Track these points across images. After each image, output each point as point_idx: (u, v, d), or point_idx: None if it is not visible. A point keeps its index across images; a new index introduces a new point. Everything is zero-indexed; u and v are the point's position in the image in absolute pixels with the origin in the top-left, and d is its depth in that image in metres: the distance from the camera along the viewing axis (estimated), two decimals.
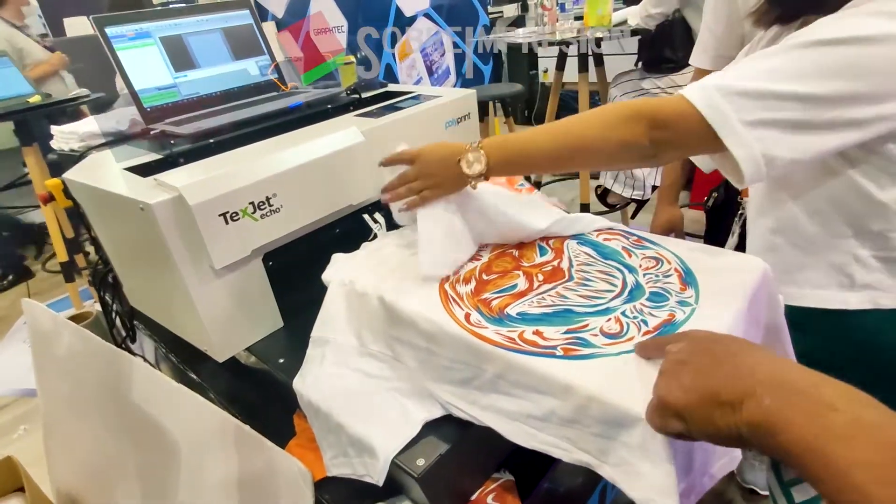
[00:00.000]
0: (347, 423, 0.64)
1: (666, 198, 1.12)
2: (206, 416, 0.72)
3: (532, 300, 0.65)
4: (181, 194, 0.67)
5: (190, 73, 1.16)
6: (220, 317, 0.78)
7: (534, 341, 0.58)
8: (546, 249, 0.76)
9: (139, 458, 0.82)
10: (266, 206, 0.75)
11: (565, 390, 0.52)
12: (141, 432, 0.78)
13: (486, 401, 0.60)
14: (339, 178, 0.84)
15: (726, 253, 0.71)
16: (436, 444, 0.61)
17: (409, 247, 0.81)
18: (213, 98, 1.17)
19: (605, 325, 0.59)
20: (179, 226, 0.70)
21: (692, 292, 0.63)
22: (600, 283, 0.67)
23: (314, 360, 0.73)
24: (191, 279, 0.73)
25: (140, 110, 1.08)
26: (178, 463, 0.77)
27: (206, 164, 0.79)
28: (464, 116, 1.06)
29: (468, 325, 0.62)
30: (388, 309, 0.68)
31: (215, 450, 0.74)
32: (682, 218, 1.12)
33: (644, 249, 0.74)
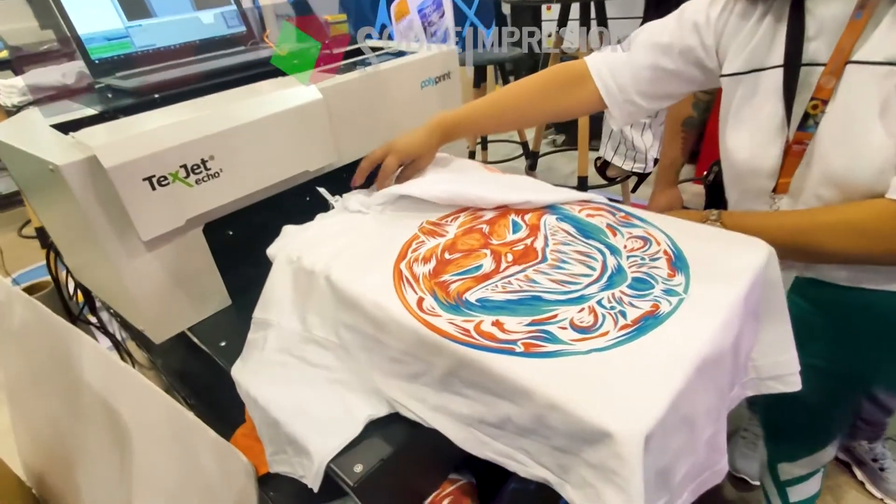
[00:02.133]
0: (284, 420, 0.57)
1: (664, 178, 1.02)
2: (152, 401, 0.67)
3: (496, 284, 0.57)
4: (95, 155, 0.58)
5: (144, 23, 1.05)
6: (155, 294, 0.70)
7: (491, 334, 0.49)
8: (520, 225, 0.67)
9: (95, 439, 0.77)
10: (202, 171, 0.66)
11: (523, 394, 0.44)
12: (94, 413, 0.73)
13: (436, 400, 0.52)
14: (291, 141, 0.74)
15: (724, 234, 0.61)
16: (379, 447, 0.53)
17: (370, 223, 0.72)
18: (171, 51, 1.06)
19: (576, 316, 0.51)
20: (98, 191, 0.61)
21: (682, 279, 0.54)
22: (576, 266, 0.58)
23: (255, 344, 0.65)
24: (116, 252, 0.64)
25: (87, 62, 0.98)
26: (130, 447, 0.72)
27: (137, 121, 0.69)
28: (443, 76, 0.96)
29: (419, 313, 0.53)
30: (335, 290, 0.60)
31: (163, 437, 0.69)
32: (682, 200, 1.02)
33: (631, 227, 0.64)
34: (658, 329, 0.48)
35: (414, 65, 0.90)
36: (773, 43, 0.63)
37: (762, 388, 0.60)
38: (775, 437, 0.88)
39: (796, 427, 0.82)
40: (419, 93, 0.93)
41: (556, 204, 0.70)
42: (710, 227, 0.63)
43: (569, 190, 0.72)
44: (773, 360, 0.58)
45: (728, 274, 0.54)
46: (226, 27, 1.15)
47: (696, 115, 0.94)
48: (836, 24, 0.58)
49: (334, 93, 0.79)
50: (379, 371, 0.56)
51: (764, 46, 0.64)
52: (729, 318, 0.49)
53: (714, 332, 0.47)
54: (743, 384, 0.59)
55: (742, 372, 0.57)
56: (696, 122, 0.94)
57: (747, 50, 0.65)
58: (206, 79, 0.91)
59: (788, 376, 0.59)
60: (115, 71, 0.99)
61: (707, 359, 0.45)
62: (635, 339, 0.47)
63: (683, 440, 0.44)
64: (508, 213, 0.70)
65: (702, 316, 0.48)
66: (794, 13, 0.60)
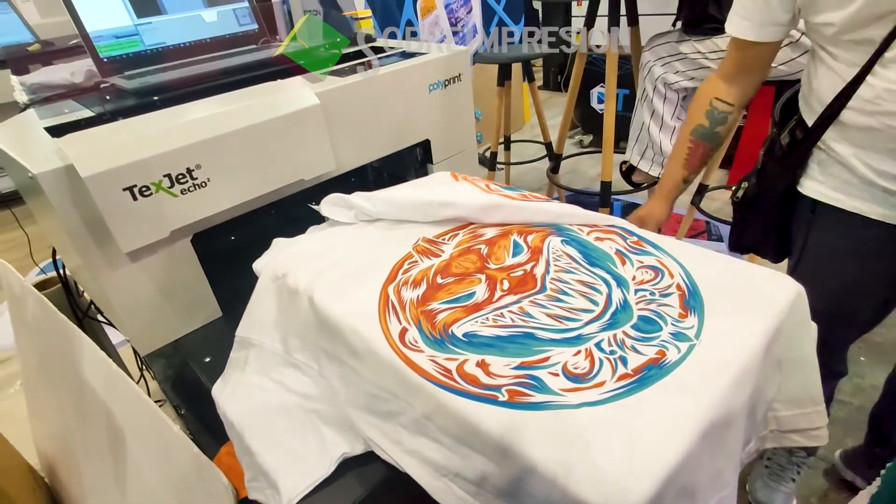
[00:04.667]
0: (257, 450, 0.53)
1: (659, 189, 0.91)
2: (141, 409, 0.65)
3: (487, 316, 0.52)
4: (73, 164, 0.56)
5: (155, 20, 1.03)
6: (140, 305, 0.67)
7: (474, 377, 0.45)
8: (522, 248, 0.62)
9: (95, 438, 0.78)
10: (188, 180, 0.63)
11: (500, 452, 0.39)
12: (94, 412, 0.73)
13: (412, 444, 0.47)
14: (285, 149, 0.71)
15: (747, 267, 0.55)
16: (352, 489, 0.49)
17: (363, 237, 0.68)
18: (181, 49, 1.04)
19: (570, 360, 0.45)
20: (76, 200, 0.58)
21: (694, 321, 0.48)
22: (577, 299, 0.53)
23: (236, 364, 0.62)
24: (97, 263, 0.62)
25: (95, 60, 0.96)
26: (124, 450, 0.72)
27: (126, 126, 0.67)
28: (452, 78, 0.91)
29: (399, 346, 0.49)
30: (317, 312, 0.56)
31: (151, 446, 0.67)
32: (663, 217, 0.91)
33: (642, 255, 0.59)
34: (661, 382, 0.42)
35: (420, 67, 0.85)
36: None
37: (784, 441, 0.54)
38: None
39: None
40: (426, 97, 0.88)
41: (563, 224, 0.65)
42: (732, 259, 0.56)
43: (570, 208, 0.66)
44: (797, 413, 0.52)
45: (748, 317, 0.47)
46: (237, 25, 1.12)
47: (708, 125, 0.85)
48: None
49: (333, 97, 0.75)
50: (355, 405, 0.52)
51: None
52: (745, 372, 0.43)
53: (725, 389, 0.41)
54: (761, 437, 0.52)
55: (761, 426, 0.51)
56: (708, 132, 0.85)
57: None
58: (210, 80, 0.88)
59: (814, 430, 0.52)
60: (124, 69, 0.97)
61: (715, 422, 0.39)
62: (634, 394, 0.41)
63: None
64: (510, 232, 0.65)
65: (713, 370, 0.43)
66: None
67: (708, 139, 0.82)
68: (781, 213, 0.82)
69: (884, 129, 0.62)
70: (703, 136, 0.81)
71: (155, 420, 0.62)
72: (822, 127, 0.69)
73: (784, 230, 0.84)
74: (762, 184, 0.82)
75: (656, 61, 1.60)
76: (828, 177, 0.72)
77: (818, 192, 0.74)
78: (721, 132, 0.81)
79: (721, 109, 0.80)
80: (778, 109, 0.82)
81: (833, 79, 0.66)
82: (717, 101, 0.80)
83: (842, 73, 0.64)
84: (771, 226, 0.84)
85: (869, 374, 1.38)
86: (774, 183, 0.80)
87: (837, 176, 0.71)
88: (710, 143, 0.82)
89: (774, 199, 0.80)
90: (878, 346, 1.42)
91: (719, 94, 0.80)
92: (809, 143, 0.72)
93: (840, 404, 1.29)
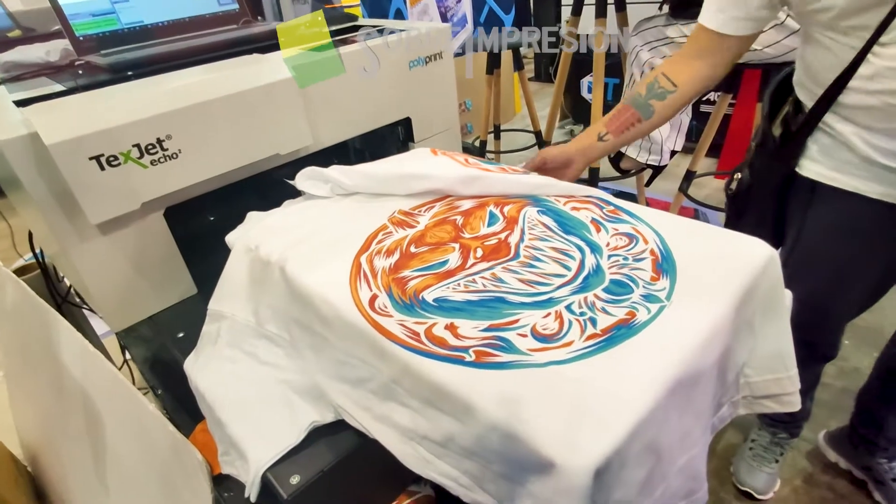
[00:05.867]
0: (227, 421, 0.53)
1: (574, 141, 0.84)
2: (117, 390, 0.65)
3: (459, 282, 0.51)
4: (37, 131, 0.54)
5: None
6: (112, 281, 0.66)
7: (442, 339, 0.44)
8: (497, 218, 0.61)
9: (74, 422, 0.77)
10: (158, 150, 0.62)
11: (464, 411, 0.39)
12: (73, 396, 0.72)
13: (381, 409, 0.47)
14: (259, 122, 0.70)
15: (723, 233, 0.54)
16: (321, 457, 0.49)
17: (338, 210, 0.67)
18: (158, 28, 1.02)
19: (540, 322, 0.45)
20: (41, 170, 0.57)
21: (666, 283, 0.48)
22: (550, 265, 0.52)
23: (208, 338, 0.61)
24: (67, 235, 0.61)
25: (71, 39, 0.94)
26: (103, 432, 0.71)
27: (96, 96, 0.65)
28: (434, 56, 0.90)
29: (369, 311, 0.48)
30: (288, 282, 0.55)
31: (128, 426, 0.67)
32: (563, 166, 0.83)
33: (618, 223, 0.58)
34: (630, 341, 0.42)
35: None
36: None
37: (756, 407, 0.53)
38: None
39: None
40: (407, 73, 0.87)
41: (540, 195, 0.64)
42: (707, 225, 0.56)
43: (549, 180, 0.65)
44: (769, 378, 0.52)
45: (719, 279, 0.47)
46: (217, 4, 1.10)
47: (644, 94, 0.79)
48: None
49: None
50: (325, 373, 0.51)
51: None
52: (714, 332, 0.43)
53: (694, 348, 0.41)
54: (734, 402, 0.52)
55: (732, 389, 0.51)
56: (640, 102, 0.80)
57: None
58: (188, 55, 0.87)
59: (786, 396, 0.52)
60: (101, 48, 0.95)
61: (683, 379, 0.39)
62: (602, 352, 0.41)
63: (649, 470, 0.38)
64: (487, 203, 0.64)
65: (682, 328, 0.42)
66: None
67: (638, 108, 0.80)
68: (777, 201, 0.81)
69: (884, 108, 0.62)
70: (634, 103, 0.80)
71: (130, 400, 0.62)
72: (822, 108, 0.68)
73: (779, 219, 0.83)
74: (755, 176, 0.81)
75: (643, 46, 1.59)
76: (826, 157, 0.72)
77: (817, 172, 0.73)
78: (654, 106, 0.79)
79: (662, 85, 0.78)
80: (766, 99, 0.82)
81: (831, 60, 0.65)
82: (663, 77, 0.78)
83: (840, 53, 0.63)
84: (766, 216, 0.84)
85: (852, 356, 1.39)
86: (769, 176, 0.79)
87: (836, 156, 0.70)
88: (638, 112, 0.80)
89: (769, 190, 0.79)
90: (862, 329, 1.43)
91: (668, 72, 0.79)
92: (808, 128, 0.71)
93: (824, 386, 1.30)
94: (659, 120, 0.81)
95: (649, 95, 0.79)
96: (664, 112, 0.80)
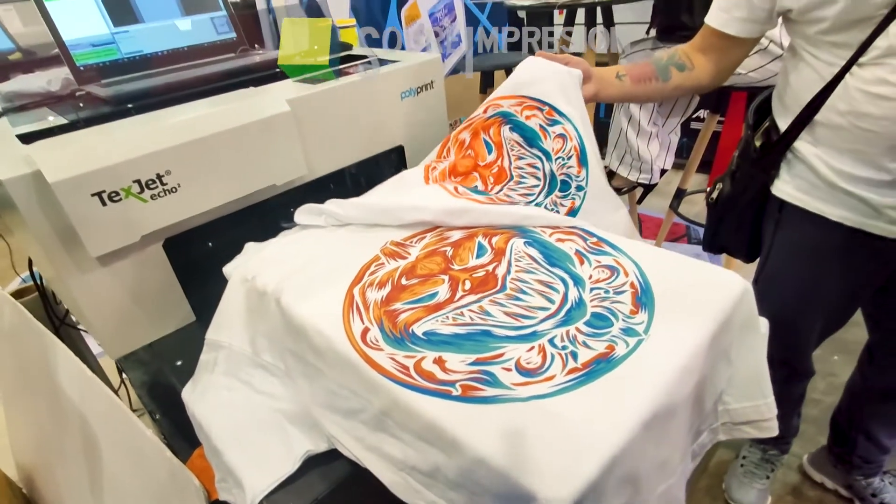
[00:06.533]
0: (224, 449, 0.54)
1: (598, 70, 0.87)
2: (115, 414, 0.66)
3: (448, 315, 0.53)
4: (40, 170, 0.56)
5: (132, 29, 1.04)
6: (110, 310, 0.68)
7: (431, 373, 0.46)
8: (486, 249, 0.64)
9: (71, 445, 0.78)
10: (157, 185, 0.64)
11: (451, 444, 0.41)
12: (70, 419, 0.73)
13: (372, 440, 0.48)
14: (256, 155, 0.72)
15: (700, 266, 0.57)
16: (315, 485, 0.50)
17: (332, 241, 0.69)
18: (158, 57, 1.05)
19: (524, 355, 0.47)
20: (44, 206, 0.59)
21: (644, 317, 0.50)
22: (535, 298, 0.54)
23: (205, 367, 0.63)
24: (67, 267, 0.63)
25: (72, 69, 0.97)
26: (99, 456, 0.72)
27: (97, 132, 0.68)
28: (425, 85, 0.93)
29: (361, 345, 0.50)
30: (284, 313, 0.57)
31: (125, 450, 0.68)
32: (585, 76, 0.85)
33: (600, 255, 0.60)
34: (608, 375, 0.44)
35: (393, 75, 0.87)
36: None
37: (736, 433, 0.55)
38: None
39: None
40: (399, 103, 0.90)
41: (527, 226, 0.67)
42: (685, 258, 0.58)
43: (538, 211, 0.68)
44: (748, 405, 0.54)
45: (696, 313, 0.49)
46: (215, 33, 1.13)
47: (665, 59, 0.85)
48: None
49: (305, 104, 0.76)
50: (318, 403, 0.53)
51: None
52: (690, 365, 0.45)
53: (670, 382, 0.43)
54: (713, 429, 0.54)
55: (711, 417, 0.53)
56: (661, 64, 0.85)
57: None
58: (186, 87, 0.89)
59: (764, 422, 0.54)
60: (101, 77, 0.98)
61: (658, 412, 0.41)
62: (582, 386, 0.43)
63: (627, 499, 0.40)
64: (476, 234, 0.66)
65: (659, 362, 0.44)
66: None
67: (658, 68, 0.84)
68: (754, 214, 0.84)
69: (850, 129, 0.65)
70: (656, 63, 0.84)
71: (128, 425, 0.63)
72: (795, 130, 0.72)
73: (756, 230, 0.86)
74: (735, 185, 0.84)
75: None
76: (794, 178, 0.75)
77: (785, 192, 0.76)
78: (672, 73, 0.83)
79: (681, 59, 0.83)
80: (752, 111, 0.85)
81: (812, 77, 0.68)
82: (682, 54, 0.83)
83: (821, 71, 0.67)
84: (743, 226, 0.87)
85: (842, 372, 1.40)
86: (747, 184, 0.82)
87: (803, 177, 0.73)
88: (657, 70, 0.84)
89: (747, 199, 0.82)
90: (851, 344, 1.44)
91: (686, 53, 0.83)
92: (783, 146, 0.74)
93: (813, 402, 1.32)
94: (673, 88, 0.84)
95: (670, 62, 0.84)
96: (679, 82, 0.84)
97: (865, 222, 0.68)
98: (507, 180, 0.78)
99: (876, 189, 0.65)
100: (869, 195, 0.66)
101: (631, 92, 0.86)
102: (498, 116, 0.82)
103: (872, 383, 0.94)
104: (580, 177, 0.76)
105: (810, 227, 0.74)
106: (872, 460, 1.01)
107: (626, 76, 0.85)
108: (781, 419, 0.55)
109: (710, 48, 0.81)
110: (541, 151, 0.78)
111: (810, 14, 0.65)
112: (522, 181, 0.77)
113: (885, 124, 0.61)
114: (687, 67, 0.83)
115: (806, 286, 0.79)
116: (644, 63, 0.86)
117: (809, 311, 0.82)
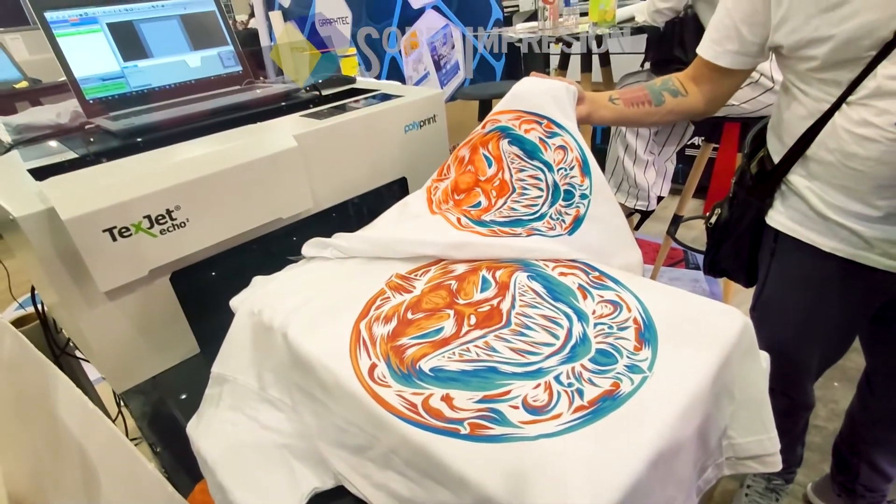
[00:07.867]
0: (229, 487, 0.54)
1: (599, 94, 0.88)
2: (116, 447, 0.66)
3: (454, 351, 0.54)
4: (54, 207, 0.58)
5: (141, 63, 1.06)
6: (116, 343, 0.68)
7: (438, 411, 0.47)
8: (490, 283, 0.65)
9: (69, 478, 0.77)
10: (167, 221, 0.65)
11: (459, 484, 0.41)
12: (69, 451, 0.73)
13: (379, 477, 0.49)
14: (263, 189, 0.73)
15: (698, 301, 0.58)
16: None
17: (338, 274, 0.70)
18: (166, 91, 1.08)
19: (531, 393, 0.48)
20: (56, 241, 0.60)
21: (648, 353, 0.51)
22: (540, 334, 0.55)
23: (211, 401, 0.63)
24: (75, 301, 0.64)
25: (81, 102, 0.99)
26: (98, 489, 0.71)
27: (108, 169, 0.69)
28: (428, 119, 0.95)
29: (368, 381, 0.51)
30: (290, 348, 0.58)
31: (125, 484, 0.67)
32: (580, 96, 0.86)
33: (603, 290, 0.61)
34: (615, 413, 0.44)
35: (396, 109, 0.89)
36: None
37: (740, 467, 0.56)
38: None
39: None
40: (403, 137, 0.92)
41: (529, 259, 0.68)
42: (686, 293, 0.60)
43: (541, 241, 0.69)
44: (752, 440, 0.54)
45: (697, 349, 0.50)
46: (222, 67, 1.16)
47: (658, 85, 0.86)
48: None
49: (311, 139, 0.78)
50: (325, 439, 0.53)
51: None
52: (694, 403, 0.45)
53: (674, 420, 0.43)
54: (718, 465, 0.54)
55: (716, 453, 0.53)
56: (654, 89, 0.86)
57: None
58: (193, 121, 0.91)
59: (768, 456, 0.54)
60: (109, 110, 1.00)
61: (664, 451, 0.42)
62: (589, 425, 0.43)
63: None
64: (480, 268, 0.68)
65: (663, 401, 0.45)
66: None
67: (651, 92, 0.85)
68: (751, 241, 0.85)
69: (839, 167, 0.66)
70: (649, 88, 0.85)
71: (129, 458, 0.63)
72: (790, 161, 0.73)
73: (754, 257, 0.87)
74: (733, 211, 0.86)
75: None
76: (788, 209, 0.76)
77: (779, 222, 0.78)
78: (665, 98, 0.84)
79: (675, 85, 0.84)
80: (749, 140, 0.87)
81: (803, 113, 0.70)
82: (676, 81, 0.84)
83: (811, 107, 0.69)
84: (741, 251, 0.88)
85: (843, 399, 1.41)
86: (744, 211, 0.84)
87: (797, 208, 0.75)
88: (650, 95, 0.85)
89: (744, 226, 0.84)
90: (851, 371, 1.45)
91: (680, 80, 0.85)
92: (777, 178, 0.76)
93: (816, 429, 1.32)
94: (665, 113, 0.85)
95: (663, 87, 0.85)
96: (672, 107, 0.85)
97: (858, 254, 0.70)
98: (510, 192, 0.77)
99: (867, 223, 0.67)
100: (860, 228, 0.68)
101: (624, 114, 0.86)
102: (496, 131, 0.81)
103: (872, 411, 0.94)
104: (584, 185, 0.74)
105: (804, 257, 0.75)
106: (876, 489, 1.01)
107: (620, 100, 0.86)
108: (784, 450, 0.55)
109: (703, 78, 0.83)
110: (542, 163, 0.77)
111: (801, 52, 0.67)
112: (525, 192, 0.77)
113: (871, 164, 0.63)
114: (680, 93, 0.85)
115: (802, 316, 0.80)
116: (638, 87, 0.87)
117: (806, 340, 0.82)
